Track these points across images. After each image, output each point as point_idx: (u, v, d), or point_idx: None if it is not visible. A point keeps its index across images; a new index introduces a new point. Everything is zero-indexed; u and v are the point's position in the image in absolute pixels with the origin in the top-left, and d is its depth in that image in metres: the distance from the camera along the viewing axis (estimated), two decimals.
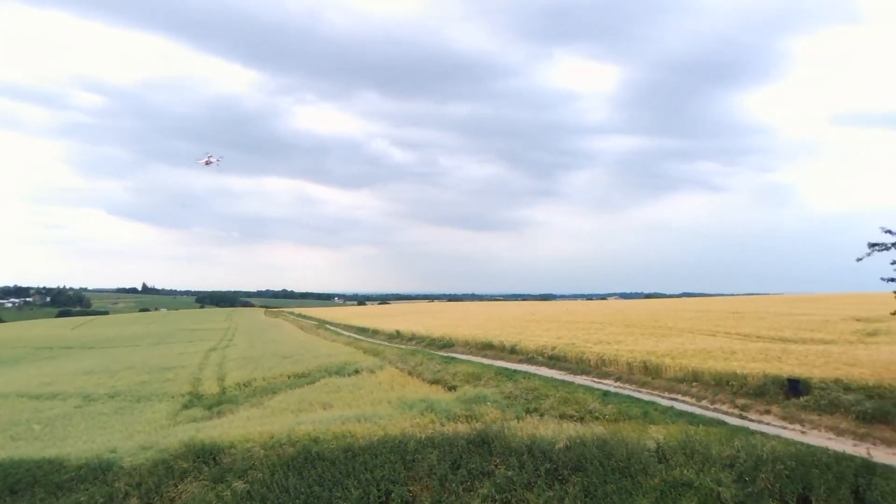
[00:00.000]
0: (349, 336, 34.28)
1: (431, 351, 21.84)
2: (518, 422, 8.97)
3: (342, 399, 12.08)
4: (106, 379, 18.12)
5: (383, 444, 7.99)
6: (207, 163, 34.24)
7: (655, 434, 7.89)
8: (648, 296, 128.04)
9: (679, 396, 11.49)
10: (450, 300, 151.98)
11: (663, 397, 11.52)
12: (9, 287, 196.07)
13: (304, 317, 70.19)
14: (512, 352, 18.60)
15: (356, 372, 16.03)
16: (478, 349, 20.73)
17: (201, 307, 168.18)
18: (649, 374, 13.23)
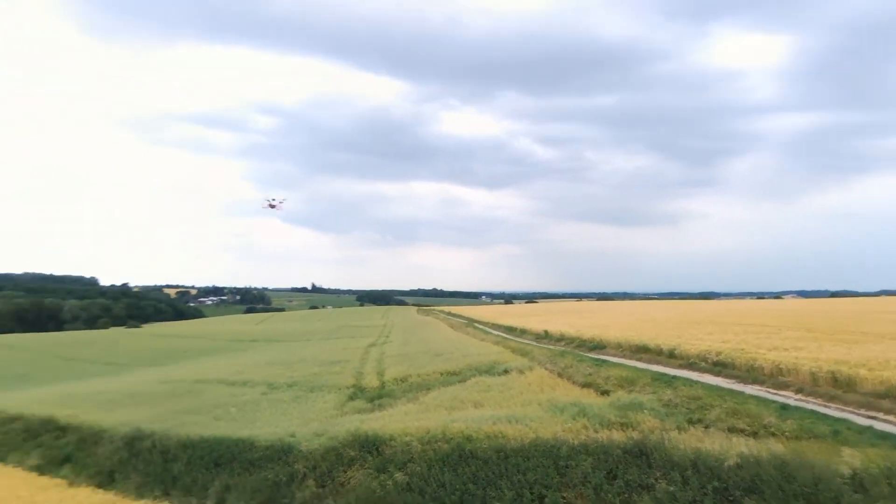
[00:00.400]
0: (497, 335, 34.68)
1: (581, 352, 21.25)
2: (679, 433, 8.36)
3: (492, 399, 12.25)
4: (284, 370, 20.33)
5: (535, 448, 7.96)
6: (271, 206, 35.37)
7: (850, 458, 6.85)
8: (835, 294, 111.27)
9: (880, 415, 9.85)
10: (599, 299, 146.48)
11: (858, 415, 9.96)
12: (209, 287, 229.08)
13: (454, 315, 72.51)
14: (670, 356, 17.40)
15: (505, 372, 16.15)
16: (631, 352, 19.72)
17: (361, 305, 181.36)
18: (839, 386, 11.54)
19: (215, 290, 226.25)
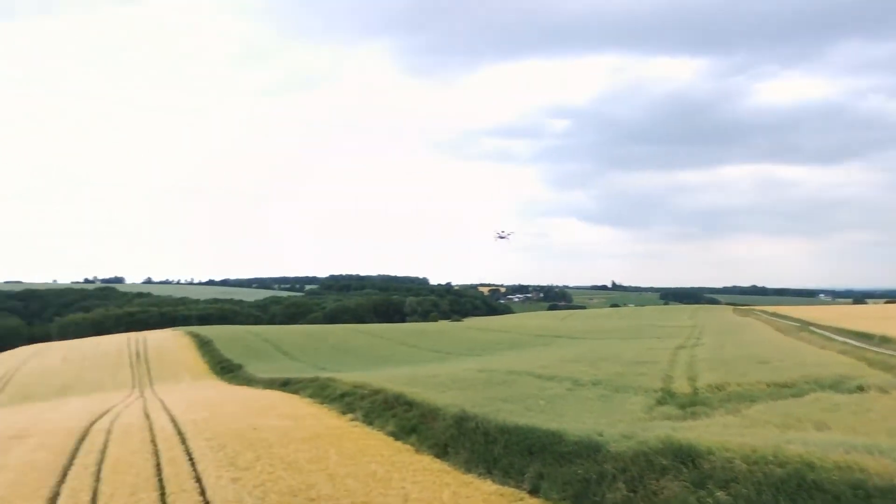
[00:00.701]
0: (844, 342, 28.34)
1: None
2: None
3: (841, 421, 10.05)
4: (588, 367, 20.52)
5: None
6: (501, 237, 35.46)
7: None
8: None
9: None
10: None
11: None
12: (515, 285, 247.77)
13: (781, 316, 62.07)
14: None
15: (859, 389, 13.08)
16: None
17: (665, 304, 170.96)
18: None
19: (521, 288, 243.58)
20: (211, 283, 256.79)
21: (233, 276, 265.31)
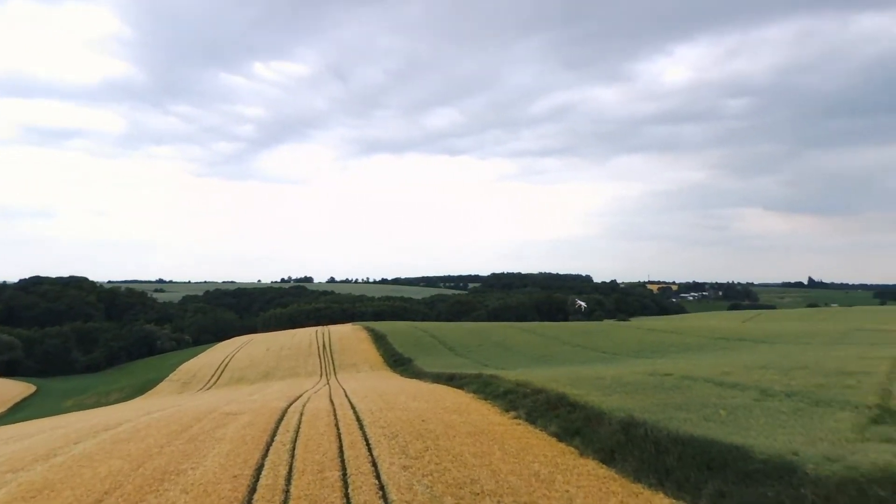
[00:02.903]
0: None
1: None
2: None
3: None
4: (779, 376, 18.13)
5: None
6: (578, 308, 31.68)
7: None
8: None
9: None
10: None
11: None
12: (689, 283, 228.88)
13: None
14: None
15: None
16: None
17: (881, 303, 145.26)
18: None
19: (696, 286, 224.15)
20: (384, 281, 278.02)
21: (403, 276, 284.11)
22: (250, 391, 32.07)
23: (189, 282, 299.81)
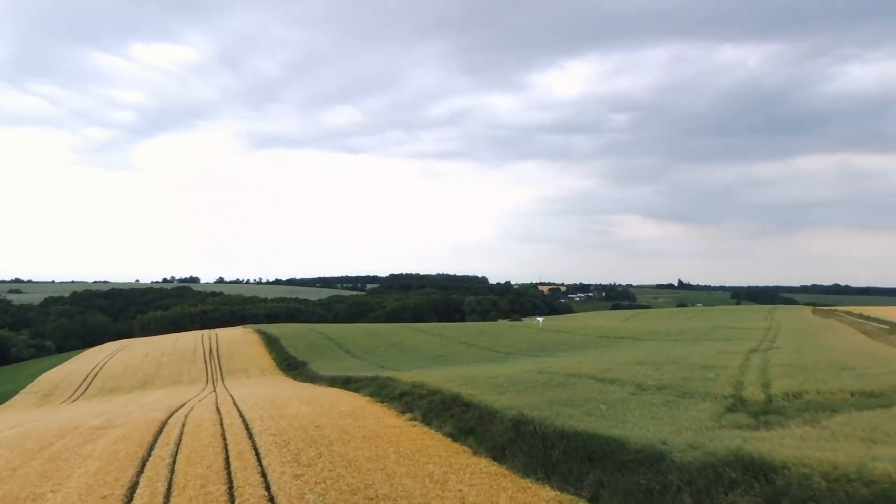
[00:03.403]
0: None
1: None
2: None
3: None
4: (653, 371, 19.78)
5: None
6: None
7: None
8: None
9: None
10: None
11: None
12: (576, 284, 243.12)
13: (867, 318, 57.76)
14: None
15: None
16: None
17: (737, 304, 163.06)
18: None
19: (582, 287, 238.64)
20: (278, 282, 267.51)
21: (298, 276, 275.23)
22: (125, 402, 29.43)
23: (52, 281, 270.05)
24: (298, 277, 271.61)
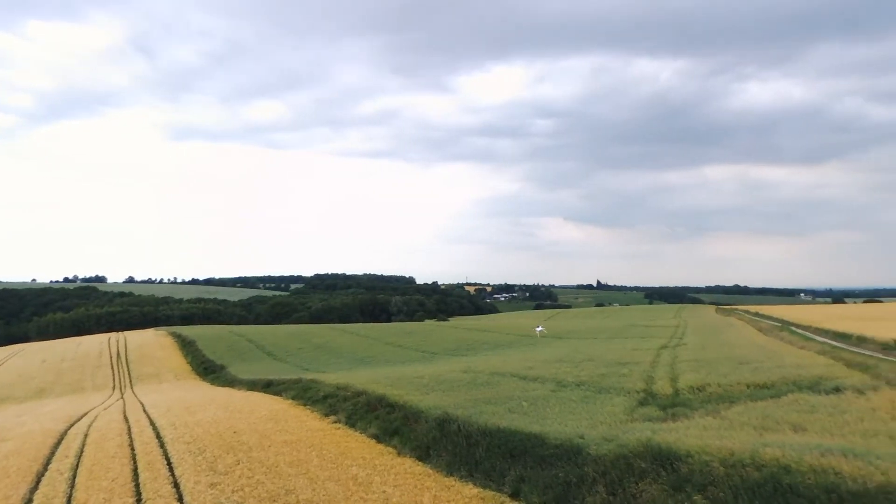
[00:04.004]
0: (823, 343, 28.80)
1: None
2: None
3: (818, 423, 10.18)
4: (572, 368, 20.58)
5: (885, 496, 6.27)
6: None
7: None
8: None
9: None
10: None
11: None
12: (501, 284, 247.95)
13: (762, 316, 62.97)
14: None
15: (836, 390, 13.27)
16: None
17: (650, 303, 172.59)
18: None
19: (507, 288, 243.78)
20: (195, 282, 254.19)
21: (217, 276, 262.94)
22: (18, 412, 26.91)
23: None
24: (217, 277, 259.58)
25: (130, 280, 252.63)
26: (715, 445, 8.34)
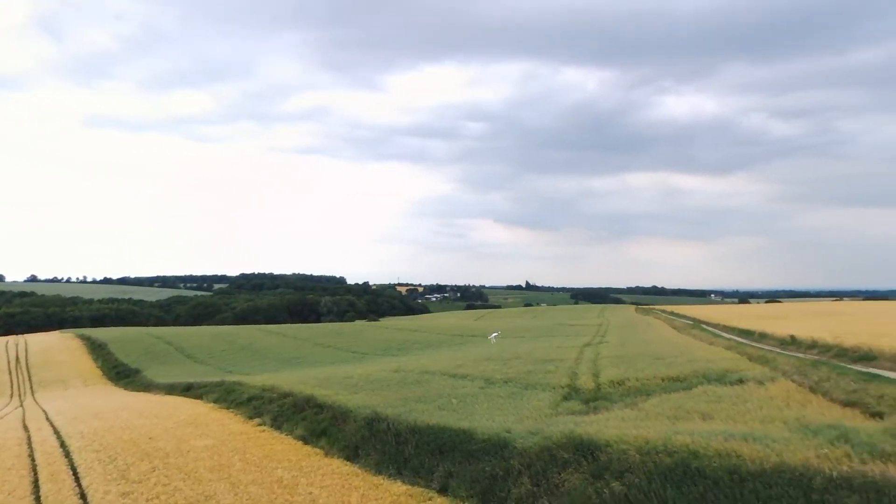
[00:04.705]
0: (729, 339, 31.01)
1: (842, 364, 17.80)
2: None
3: (723, 411, 10.95)
4: (500, 366, 21.00)
5: (779, 475, 6.85)
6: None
7: None
8: None
9: None
10: (867, 298, 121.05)
11: None
12: (433, 285, 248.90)
13: (677, 315, 66.92)
14: None
15: (740, 381, 14.32)
16: None
17: (576, 303, 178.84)
18: None
19: (439, 288, 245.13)
20: (107, 281, 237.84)
21: (133, 275, 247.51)
22: None
23: None
24: (133, 276, 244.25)
25: (33, 279, 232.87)
26: (632, 435, 8.79)
